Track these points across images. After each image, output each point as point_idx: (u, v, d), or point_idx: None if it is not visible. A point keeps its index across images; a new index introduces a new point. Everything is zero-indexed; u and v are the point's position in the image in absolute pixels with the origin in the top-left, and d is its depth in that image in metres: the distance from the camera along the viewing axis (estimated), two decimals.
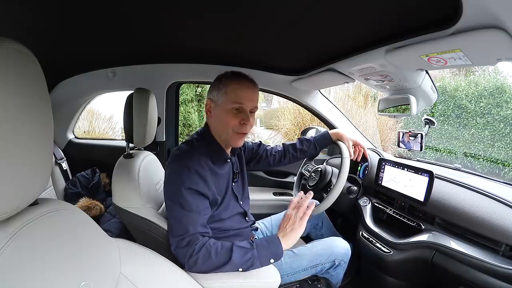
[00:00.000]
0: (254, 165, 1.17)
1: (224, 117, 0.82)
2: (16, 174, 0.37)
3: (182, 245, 0.74)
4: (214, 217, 0.86)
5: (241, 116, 0.81)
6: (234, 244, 0.76)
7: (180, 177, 0.76)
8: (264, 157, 1.16)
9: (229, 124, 0.81)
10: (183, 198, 0.75)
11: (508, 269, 0.70)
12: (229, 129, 0.82)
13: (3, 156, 0.35)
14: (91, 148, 1.79)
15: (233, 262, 0.73)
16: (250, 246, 0.76)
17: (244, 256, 0.74)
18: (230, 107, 0.80)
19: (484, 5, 0.45)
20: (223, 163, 0.89)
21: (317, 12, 0.67)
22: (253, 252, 0.75)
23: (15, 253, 0.38)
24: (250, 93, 0.82)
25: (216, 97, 0.83)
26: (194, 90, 4.71)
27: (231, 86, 0.81)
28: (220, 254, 0.74)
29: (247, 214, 1.00)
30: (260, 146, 1.17)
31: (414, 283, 1.03)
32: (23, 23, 0.85)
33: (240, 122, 0.81)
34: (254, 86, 0.85)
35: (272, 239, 0.79)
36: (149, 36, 1.01)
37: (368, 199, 1.19)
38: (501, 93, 4.11)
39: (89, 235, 0.53)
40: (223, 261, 0.73)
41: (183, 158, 0.80)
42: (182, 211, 0.75)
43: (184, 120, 4.48)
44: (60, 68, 1.40)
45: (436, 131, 4.79)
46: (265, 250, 0.77)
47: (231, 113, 0.81)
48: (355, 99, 4.88)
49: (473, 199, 0.86)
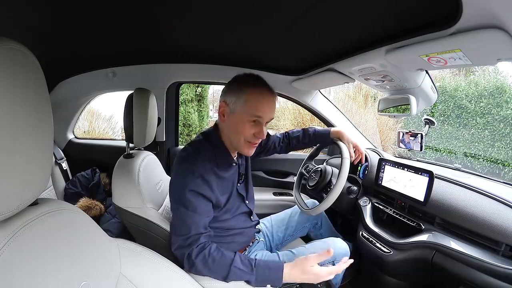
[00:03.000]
0: (263, 156, 1.23)
1: (239, 125, 0.80)
2: (16, 174, 0.37)
3: (183, 244, 0.75)
4: (217, 217, 0.86)
5: (256, 129, 0.80)
6: (233, 264, 0.74)
7: (185, 180, 0.77)
8: (272, 148, 1.22)
9: (243, 134, 0.80)
10: (187, 199, 0.76)
11: (508, 269, 0.70)
12: (242, 138, 0.81)
13: (3, 156, 0.35)
14: (91, 148, 1.79)
15: (230, 279, 0.74)
16: (249, 271, 0.74)
17: (241, 277, 0.74)
18: (248, 118, 0.78)
19: (484, 5, 0.45)
20: (228, 166, 0.89)
21: (317, 12, 0.67)
22: (251, 277, 0.74)
23: (15, 253, 0.38)
24: (270, 105, 0.80)
25: (234, 104, 0.79)
26: (194, 90, 4.71)
27: (251, 96, 0.77)
28: (218, 264, 0.74)
29: (252, 214, 1.01)
30: (268, 139, 1.20)
31: (414, 283, 1.03)
32: (23, 23, 0.85)
33: (254, 134, 0.81)
34: (274, 96, 0.82)
35: (275, 265, 0.77)
36: (149, 36, 1.01)
37: (368, 199, 1.19)
38: (501, 93, 4.11)
39: (89, 235, 0.53)
40: (219, 274, 0.74)
41: (188, 161, 0.80)
42: (187, 212, 0.76)
43: (184, 120, 4.49)
44: (60, 68, 1.40)
45: (436, 131, 4.79)
46: (264, 275, 0.75)
47: (247, 124, 0.79)
48: (355, 99, 4.87)
49: (473, 199, 0.86)
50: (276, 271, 0.75)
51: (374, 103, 4.80)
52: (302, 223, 1.20)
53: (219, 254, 0.75)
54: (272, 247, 1.14)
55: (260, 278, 0.74)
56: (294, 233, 1.19)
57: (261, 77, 0.83)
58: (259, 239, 1.08)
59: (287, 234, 1.17)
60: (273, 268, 0.76)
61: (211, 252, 0.75)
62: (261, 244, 1.07)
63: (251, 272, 0.74)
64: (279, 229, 1.17)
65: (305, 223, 1.21)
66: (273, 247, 1.14)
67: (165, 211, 1.03)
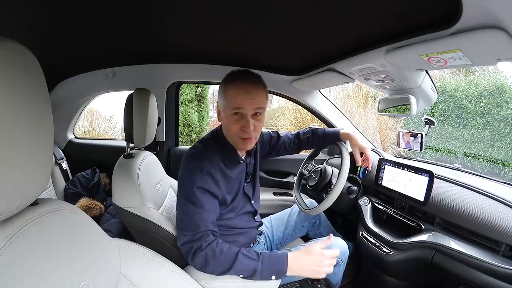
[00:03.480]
0: (274, 156, 1.23)
1: (227, 122, 0.82)
2: (16, 174, 0.37)
3: (193, 239, 0.75)
4: (222, 216, 0.87)
5: (241, 122, 0.79)
6: (240, 251, 0.75)
7: (193, 177, 0.78)
8: (283, 149, 1.21)
9: (232, 130, 0.81)
10: (195, 196, 0.77)
11: (508, 269, 0.70)
12: (232, 134, 0.82)
13: (2, 156, 0.35)
14: (91, 148, 1.79)
15: (236, 268, 0.73)
16: (256, 258, 0.75)
17: (247, 265, 0.74)
18: (230, 113, 0.79)
19: (484, 5, 0.45)
20: (235, 165, 0.89)
21: (317, 12, 0.67)
22: (257, 264, 0.74)
23: (15, 253, 0.38)
24: (249, 96, 0.77)
25: (220, 102, 0.82)
26: (194, 90, 4.70)
27: (229, 91, 0.79)
28: (224, 255, 0.74)
29: (257, 214, 1.01)
30: (278, 140, 1.19)
31: (414, 283, 1.03)
32: (23, 23, 0.85)
33: (241, 128, 0.80)
34: (256, 86, 0.79)
35: (280, 255, 0.78)
36: (149, 36, 1.01)
37: (368, 199, 1.19)
38: (501, 93, 4.11)
39: (89, 235, 0.53)
40: (226, 264, 0.74)
41: (196, 158, 0.82)
42: (195, 208, 0.77)
43: (184, 120, 4.48)
44: (60, 68, 1.40)
45: (436, 131, 4.79)
46: (270, 263, 0.76)
47: (231, 119, 0.80)
48: (355, 99, 4.87)
49: (473, 199, 0.86)
50: (281, 259, 0.76)
51: (374, 103, 4.80)
52: (301, 223, 1.21)
53: (226, 246, 0.76)
54: (272, 247, 1.14)
55: (266, 267, 0.75)
56: (293, 233, 1.19)
57: (247, 70, 0.82)
58: (260, 240, 1.08)
59: (287, 233, 1.17)
60: (278, 257, 0.77)
61: (219, 244, 0.76)
62: (261, 245, 1.07)
63: (257, 259, 0.75)
64: (279, 229, 1.17)
65: (303, 222, 1.21)
66: (273, 247, 1.14)
67: (165, 211, 1.03)
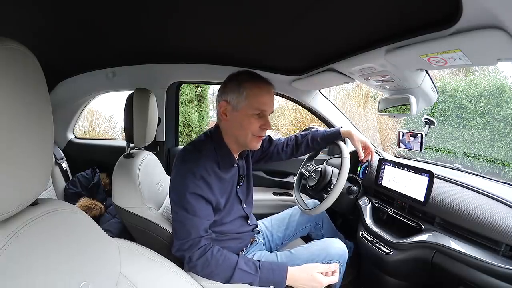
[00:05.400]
0: (265, 162, 1.17)
1: (244, 121, 0.80)
2: (16, 174, 0.37)
3: (183, 248, 0.75)
4: (216, 221, 0.86)
5: (262, 121, 0.81)
6: (238, 266, 0.75)
7: (185, 182, 0.76)
8: (276, 154, 1.16)
9: (249, 129, 0.81)
10: (188, 202, 0.75)
11: (508, 269, 0.70)
12: (249, 133, 0.81)
13: (2, 156, 0.35)
14: (91, 148, 1.79)
15: (233, 280, 0.74)
16: (254, 272, 0.76)
17: (244, 279, 0.75)
18: (251, 112, 0.79)
19: (484, 5, 0.45)
20: (229, 168, 0.88)
21: (317, 12, 0.66)
22: (255, 278, 0.75)
23: (15, 253, 0.38)
24: (271, 96, 0.82)
25: (235, 101, 0.80)
26: (194, 90, 4.70)
27: (252, 91, 0.78)
28: (221, 267, 0.74)
29: (249, 218, 1.00)
30: (270, 144, 1.15)
31: (414, 283, 1.03)
32: (23, 23, 0.85)
33: (261, 126, 0.81)
34: (273, 89, 0.84)
35: (279, 267, 0.78)
36: (149, 36, 1.01)
37: (368, 199, 1.19)
38: (501, 93, 4.11)
39: (89, 235, 0.53)
40: (222, 276, 0.74)
41: (189, 161, 0.80)
42: (186, 215, 0.75)
43: (184, 120, 4.48)
44: (60, 68, 1.40)
45: (436, 131, 4.78)
46: (268, 276, 0.76)
47: (252, 118, 0.80)
48: (355, 99, 4.87)
49: (473, 199, 0.86)
50: (280, 273, 0.76)
51: (374, 103, 4.80)
52: (302, 224, 1.20)
53: (222, 256, 0.75)
54: (272, 247, 1.14)
55: (264, 280, 0.75)
56: (294, 234, 1.18)
57: (259, 75, 0.84)
58: (258, 240, 1.08)
59: (287, 234, 1.17)
60: (277, 270, 0.77)
61: (214, 254, 0.75)
62: (260, 245, 1.07)
63: (256, 274, 0.75)
64: (279, 229, 1.17)
65: (306, 223, 1.21)
66: (272, 247, 1.14)
67: (165, 211, 1.03)
